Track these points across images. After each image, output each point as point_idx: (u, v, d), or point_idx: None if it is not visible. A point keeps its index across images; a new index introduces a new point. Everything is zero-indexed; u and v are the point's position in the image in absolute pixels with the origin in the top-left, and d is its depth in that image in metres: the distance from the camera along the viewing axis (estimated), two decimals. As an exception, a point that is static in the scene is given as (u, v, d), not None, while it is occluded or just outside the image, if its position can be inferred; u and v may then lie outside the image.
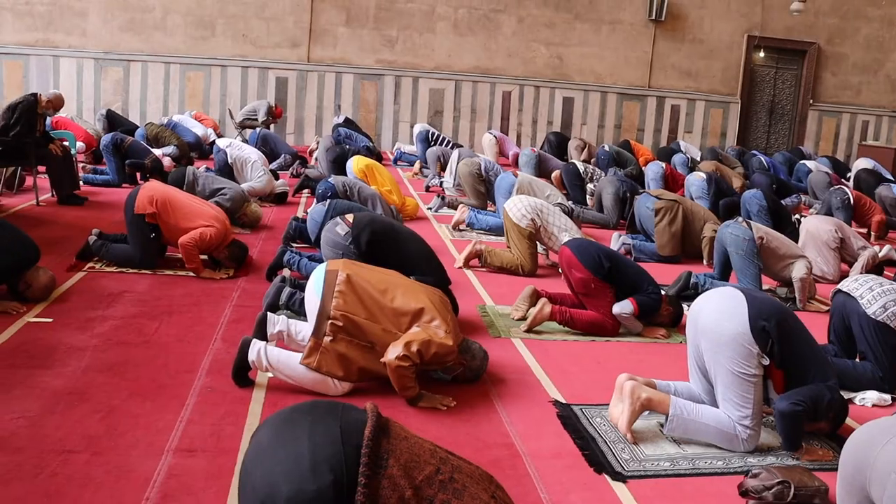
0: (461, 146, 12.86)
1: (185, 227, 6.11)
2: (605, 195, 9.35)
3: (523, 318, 5.52)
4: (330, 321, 4.06)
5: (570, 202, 9.22)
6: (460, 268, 6.97)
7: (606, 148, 13.02)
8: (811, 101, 18.22)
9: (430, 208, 9.75)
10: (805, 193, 12.13)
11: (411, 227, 6.51)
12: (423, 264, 5.25)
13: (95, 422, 3.66)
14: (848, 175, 14.10)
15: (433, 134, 13.75)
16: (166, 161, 10.27)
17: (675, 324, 5.71)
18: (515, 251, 6.84)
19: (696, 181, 9.97)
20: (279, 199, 9.48)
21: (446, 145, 13.20)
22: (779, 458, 3.81)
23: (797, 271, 6.48)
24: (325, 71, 15.69)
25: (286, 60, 15.54)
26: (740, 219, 6.84)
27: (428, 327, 4.10)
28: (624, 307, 5.39)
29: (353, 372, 4.10)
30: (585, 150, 14.84)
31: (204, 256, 6.33)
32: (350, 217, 5.30)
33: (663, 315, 5.60)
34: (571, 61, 16.72)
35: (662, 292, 5.67)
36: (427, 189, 11.18)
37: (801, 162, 14.17)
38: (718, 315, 3.83)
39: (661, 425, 3.94)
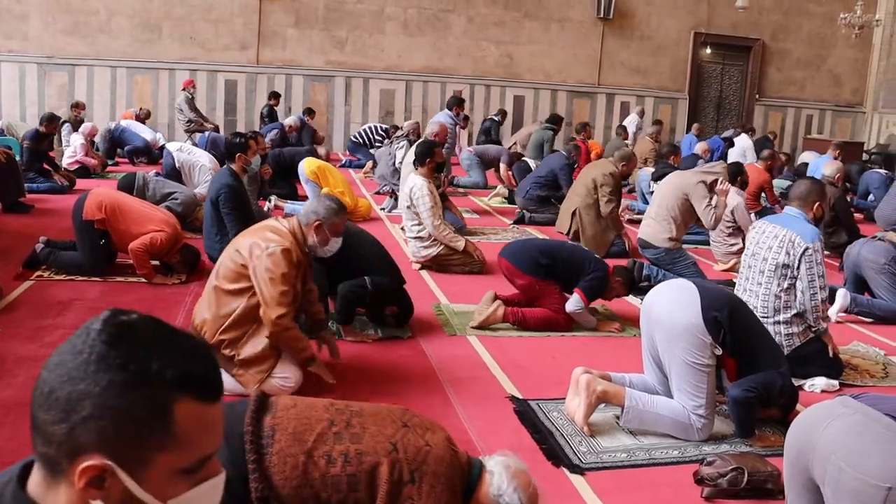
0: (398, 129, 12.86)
1: (135, 233, 6.02)
2: (560, 173, 9.55)
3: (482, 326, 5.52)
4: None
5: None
6: (417, 269, 6.97)
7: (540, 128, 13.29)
8: (757, 96, 18.52)
9: (382, 209, 9.73)
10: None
11: (365, 227, 6.50)
12: (377, 263, 5.24)
13: (47, 430, 3.59)
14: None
15: (372, 129, 13.88)
16: None
17: (631, 290, 5.80)
18: None
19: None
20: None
21: (389, 136, 13.33)
22: (732, 445, 3.87)
23: None
24: (275, 73, 15.60)
25: (235, 63, 15.42)
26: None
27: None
28: (574, 304, 5.43)
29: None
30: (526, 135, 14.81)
31: (156, 262, 6.25)
32: None
33: (615, 287, 5.64)
34: (521, 60, 16.81)
35: (609, 264, 5.72)
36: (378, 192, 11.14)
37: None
38: (671, 307, 3.87)
39: (618, 417, 3.97)
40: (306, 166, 9.18)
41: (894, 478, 2.40)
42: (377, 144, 13.70)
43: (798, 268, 4.71)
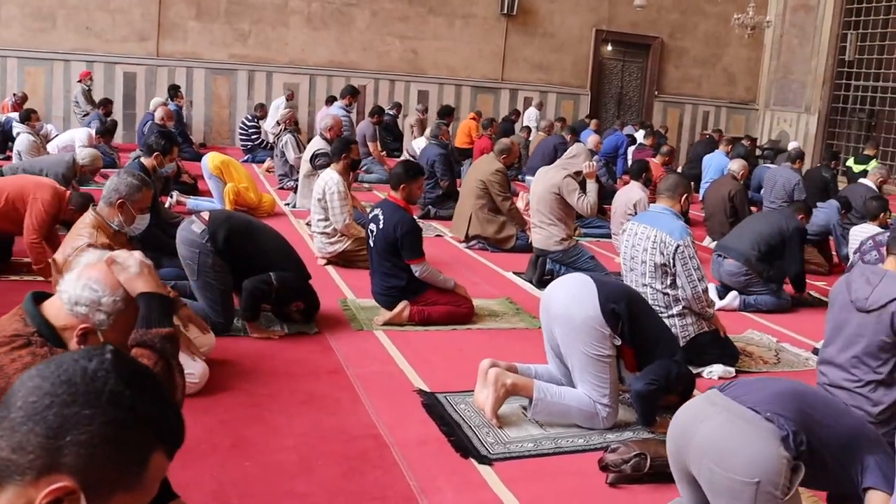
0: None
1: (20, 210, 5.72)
2: (436, 164, 9.63)
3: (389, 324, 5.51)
4: None
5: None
6: (323, 264, 6.93)
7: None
8: (656, 93, 18.98)
9: (287, 204, 9.64)
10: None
11: (269, 223, 6.43)
12: (281, 259, 5.19)
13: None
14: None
15: (244, 123, 13.82)
16: None
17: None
18: None
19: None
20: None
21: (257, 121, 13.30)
22: (635, 432, 3.97)
23: None
24: (176, 66, 15.24)
25: (134, 55, 15.02)
26: None
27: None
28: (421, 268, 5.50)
29: None
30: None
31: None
32: (205, 214, 5.17)
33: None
34: (426, 55, 16.84)
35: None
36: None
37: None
38: (570, 301, 3.95)
39: (524, 408, 4.03)
40: (210, 161, 8.98)
41: (760, 472, 2.52)
42: (254, 136, 13.58)
43: (674, 265, 4.85)
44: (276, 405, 4.03)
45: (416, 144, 10.95)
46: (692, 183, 6.17)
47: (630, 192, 7.60)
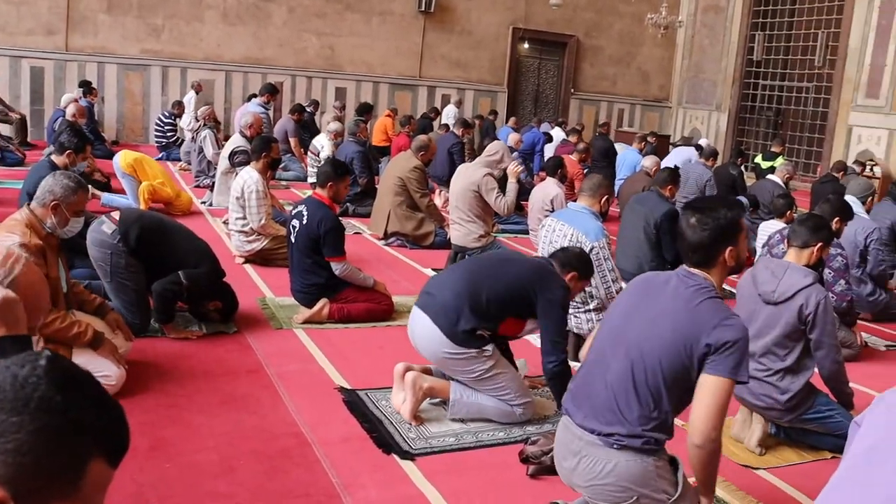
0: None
1: None
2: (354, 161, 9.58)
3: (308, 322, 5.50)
4: None
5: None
6: (241, 263, 6.87)
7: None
8: (572, 91, 19.25)
9: (203, 202, 9.51)
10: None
11: (185, 221, 6.33)
12: (195, 257, 5.09)
13: None
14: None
15: (160, 119, 13.63)
16: None
17: None
18: None
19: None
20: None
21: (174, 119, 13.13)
22: (554, 424, 4.02)
23: None
24: (86, 60, 14.85)
25: (41, 49, 14.57)
26: None
27: None
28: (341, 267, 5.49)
29: None
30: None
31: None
32: (116, 214, 5.05)
33: None
34: (343, 52, 16.76)
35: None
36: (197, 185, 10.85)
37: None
38: (424, 343, 3.99)
39: (445, 403, 4.07)
40: (121, 159, 8.77)
41: (637, 487, 2.62)
42: (169, 133, 13.37)
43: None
44: (196, 406, 3.99)
45: (319, 142, 10.84)
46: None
47: (546, 189, 7.70)
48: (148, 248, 4.89)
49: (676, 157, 12.35)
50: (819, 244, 4.08)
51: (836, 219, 5.43)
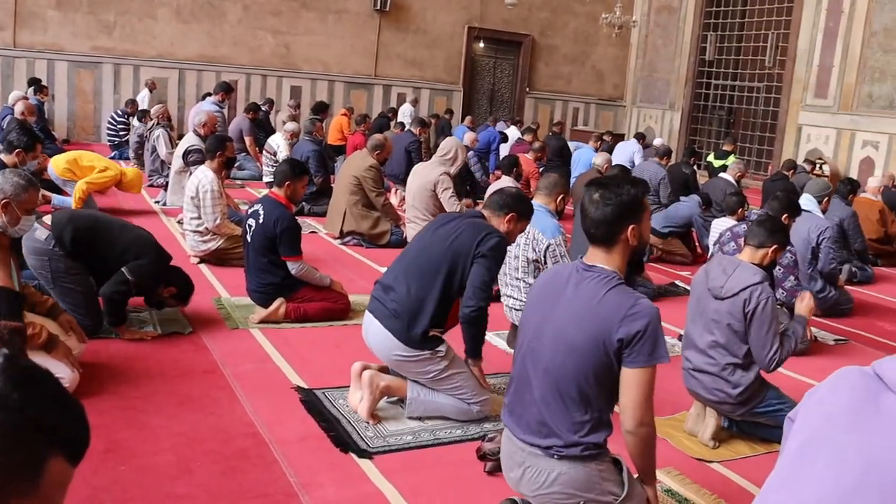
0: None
1: None
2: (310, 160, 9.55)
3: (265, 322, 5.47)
4: None
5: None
6: (196, 262, 6.81)
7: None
8: (527, 90, 19.36)
9: (157, 202, 9.41)
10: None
11: (139, 221, 6.25)
12: (136, 248, 4.91)
13: None
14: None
15: (113, 118, 13.45)
16: None
17: None
18: None
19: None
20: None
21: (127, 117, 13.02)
22: (511, 422, 4.07)
23: None
24: (35, 57, 14.61)
25: (-12, 46, 14.34)
26: None
27: None
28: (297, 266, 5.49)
29: None
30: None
31: None
32: (47, 219, 4.92)
33: None
34: (298, 50, 16.68)
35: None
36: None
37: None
38: (378, 346, 3.99)
39: (402, 400, 4.08)
40: (55, 168, 8.38)
41: (583, 492, 2.66)
42: (122, 132, 13.21)
43: (545, 262, 4.99)
44: (151, 407, 3.95)
45: (275, 142, 10.78)
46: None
47: (502, 187, 7.74)
48: (85, 248, 4.79)
49: (620, 152, 12.48)
50: (774, 246, 4.15)
51: (785, 215, 5.54)
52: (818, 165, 13.45)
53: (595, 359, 2.58)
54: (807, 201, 7.00)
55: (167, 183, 9.52)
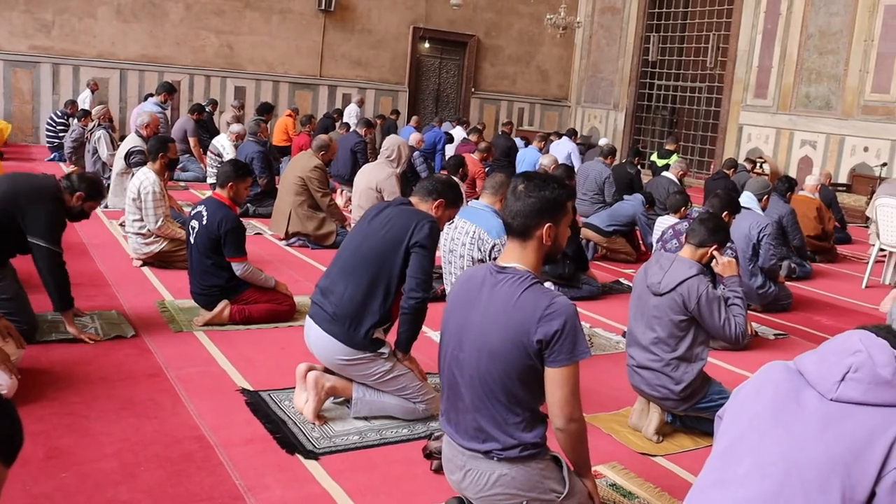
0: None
1: None
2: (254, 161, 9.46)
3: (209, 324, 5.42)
4: None
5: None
6: (139, 265, 6.72)
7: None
8: (473, 90, 19.43)
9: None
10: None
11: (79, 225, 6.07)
12: (31, 206, 4.63)
13: None
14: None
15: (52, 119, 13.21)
16: None
17: None
18: None
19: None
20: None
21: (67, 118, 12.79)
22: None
23: None
24: (-29, 58, 14.31)
25: (-78, 45, 13.98)
26: None
27: None
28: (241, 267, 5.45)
29: None
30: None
31: None
32: None
33: None
34: (242, 50, 16.55)
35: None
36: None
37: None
38: (321, 351, 3.98)
39: (348, 400, 4.07)
40: None
41: (525, 492, 2.68)
42: (62, 133, 12.98)
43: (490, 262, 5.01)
44: (94, 413, 3.89)
45: (219, 143, 10.66)
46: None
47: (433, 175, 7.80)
48: None
49: (555, 151, 12.58)
50: (714, 245, 4.22)
51: (726, 213, 5.64)
52: (758, 164, 13.68)
53: (518, 361, 2.57)
54: (747, 199, 7.12)
55: (108, 185, 9.36)
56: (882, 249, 8.52)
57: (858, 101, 14.24)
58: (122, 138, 10.26)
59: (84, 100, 13.91)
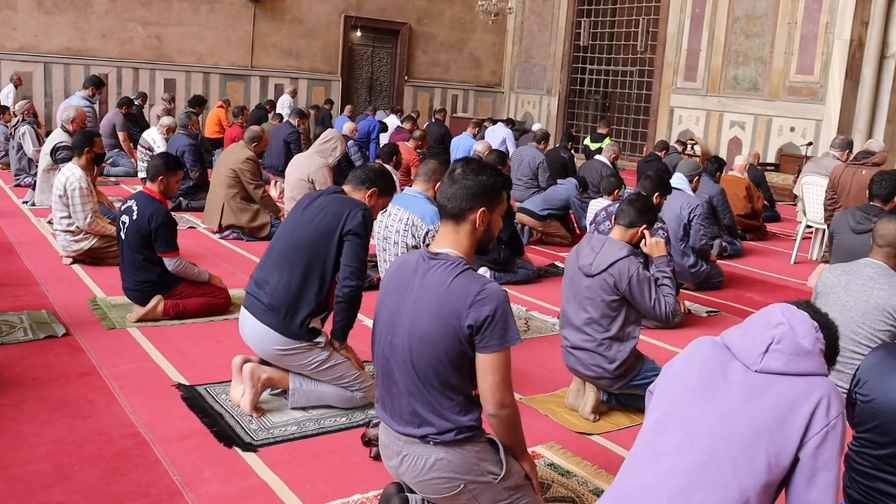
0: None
1: None
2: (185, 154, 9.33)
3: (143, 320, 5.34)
4: None
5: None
6: (68, 263, 6.60)
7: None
8: (406, 78, 19.40)
9: (25, 202, 9.06)
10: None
11: (6, 221, 5.99)
12: None
13: None
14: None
15: None
16: None
17: None
18: None
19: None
20: None
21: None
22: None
23: None
24: None
25: None
26: None
27: None
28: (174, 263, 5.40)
29: None
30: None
31: None
32: None
33: None
34: (171, 42, 16.28)
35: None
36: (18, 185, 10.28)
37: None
38: (256, 342, 3.97)
39: (285, 392, 4.06)
40: None
41: (462, 475, 2.71)
42: None
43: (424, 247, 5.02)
44: (24, 414, 3.81)
45: (150, 136, 10.48)
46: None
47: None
48: None
49: (490, 138, 12.64)
50: (644, 225, 4.29)
51: (657, 194, 5.72)
52: (689, 146, 13.91)
53: (450, 347, 2.58)
54: (678, 180, 7.23)
55: (35, 182, 9.15)
56: (809, 226, 8.74)
57: (784, 82, 14.55)
58: (49, 134, 10.03)
59: (7, 95, 13.55)
